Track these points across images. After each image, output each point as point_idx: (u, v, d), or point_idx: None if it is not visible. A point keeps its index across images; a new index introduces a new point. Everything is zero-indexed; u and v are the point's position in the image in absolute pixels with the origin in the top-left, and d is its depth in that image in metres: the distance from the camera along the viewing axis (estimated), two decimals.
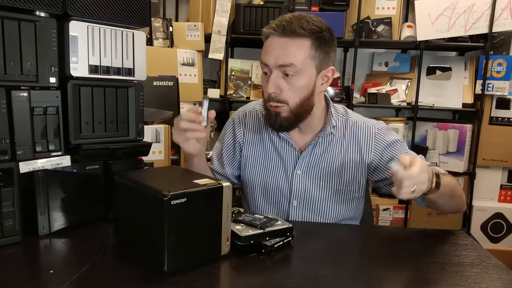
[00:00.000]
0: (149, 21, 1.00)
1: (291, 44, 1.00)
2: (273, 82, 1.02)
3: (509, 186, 2.61)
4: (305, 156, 1.14)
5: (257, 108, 1.22)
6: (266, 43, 1.04)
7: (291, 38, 1.00)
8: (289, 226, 0.86)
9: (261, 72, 1.07)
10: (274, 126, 1.08)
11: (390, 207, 2.52)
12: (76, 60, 0.87)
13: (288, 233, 0.86)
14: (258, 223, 0.84)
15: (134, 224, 0.80)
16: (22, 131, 0.83)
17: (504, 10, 2.28)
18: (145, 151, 1.02)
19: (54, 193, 0.89)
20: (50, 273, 0.72)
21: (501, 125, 2.46)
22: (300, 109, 1.05)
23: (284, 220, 0.89)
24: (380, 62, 2.63)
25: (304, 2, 2.41)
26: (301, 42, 1.00)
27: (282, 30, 1.00)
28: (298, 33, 0.99)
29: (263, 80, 1.07)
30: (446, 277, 0.77)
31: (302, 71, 1.01)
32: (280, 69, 1.01)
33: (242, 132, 1.21)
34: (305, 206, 1.14)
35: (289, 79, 1.02)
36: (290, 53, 0.99)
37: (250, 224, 0.85)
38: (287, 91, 1.02)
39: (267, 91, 1.04)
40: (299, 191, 1.14)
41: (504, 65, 2.36)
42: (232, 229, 0.82)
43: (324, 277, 0.75)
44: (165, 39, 2.26)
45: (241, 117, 1.23)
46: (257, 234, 0.81)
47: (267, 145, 1.18)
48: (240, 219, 0.87)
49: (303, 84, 1.03)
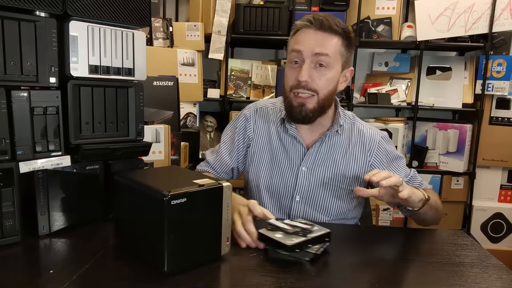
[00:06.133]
0: (149, 21, 1.00)
1: (327, 38, 1.06)
2: (306, 70, 1.06)
3: (509, 186, 2.61)
4: (311, 153, 1.16)
5: (268, 105, 1.26)
6: (301, 34, 1.08)
7: (327, 33, 1.05)
8: (327, 231, 0.84)
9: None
10: (297, 117, 1.10)
11: (390, 208, 2.52)
12: (76, 60, 0.87)
13: (326, 238, 0.84)
14: (298, 230, 0.82)
15: (134, 224, 0.80)
16: (22, 131, 0.83)
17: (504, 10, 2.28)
18: (145, 151, 1.02)
19: (54, 193, 0.89)
20: (50, 273, 0.72)
21: (501, 125, 2.46)
22: (325, 102, 1.10)
23: (320, 226, 0.86)
24: (380, 62, 2.63)
25: (304, 2, 2.41)
26: (335, 38, 1.06)
27: (319, 24, 1.05)
28: (334, 29, 1.05)
29: (289, 70, 1.10)
30: (446, 277, 0.77)
31: (333, 64, 1.07)
32: (315, 58, 1.05)
33: (252, 127, 1.24)
34: (308, 202, 1.17)
35: (321, 69, 1.06)
36: (326, 45, 1.05)
37: (290, 232, 0.82)
38: (318, 81, 1.06)
39: (298, 78, 1.06)
40: (303, 186, 1.16)
41: (504, 65, 2.36)
42: (274, 238, 0.79)
43: (324, 277, 0.75)
44: (165, 39, 2.26)
45: (252, 113, 1.26)
46: (301, 242, 0.79)
47: (274, 141, 1.21)
48: (276, 226, 0.83)
49: (331, 76, 1.08)
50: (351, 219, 1.22)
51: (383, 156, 1.18)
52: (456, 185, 2.52)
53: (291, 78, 1.09)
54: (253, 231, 0.85)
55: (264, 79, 2.54)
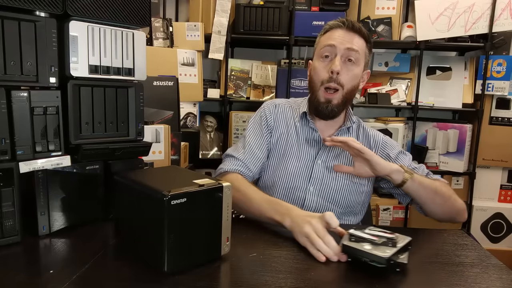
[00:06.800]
0: (149, 21, 1.00)
1: (357, 38, 1.18)
2: (339, 61, 1.15)
3: (509, 186, 2.61)
4: (326, 147, 1.24)
5: (284, 103, 1.34)
6: (334, 32, 1.19)
7: (357, 34, 1.18)
8: (410, 239, 0.82)
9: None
10: (324, 112, 1.20)
11: (390, 207, 2.52)
12: (76, 60, 0.87)
13: (409, 246, 0.82)
14: (385, 240, 0.79)
15: (134, 224, 0.80)
16: (22, 131, 0.83)
17: (504, 10, 2.28)
18: (145, 151, 1.02)
19: (54, 193, 0.89)
20: (50, 273, 0.72)
21: (501, 125, 2.46)
22: (348, 96, 1.20)
23: (397, 233, 0.83)
24: (380, 62, 2.63)
25: (304, 2, 2.41)
26: (362, 39, 1.19)
27: (351, 26, 1.18)
28: (362, 32, 1.19)
29: (320, 64, 1.19)
30: (446, 277, 0.77)
31: (359, 62, 1.18)
32: (346, 52, 1.16)
33: (273, 119, 1.30)
34: (320, 193, 1.22)
35: (349, 65, 1.17)
36: (356, 43, 1.17)
37: (378, 243, 0.78)
38: (345, 75, 1.17)
39: (332, 69, 1.15)
40: (317, 178, 1.23)
41: (504, 65, 2.36)
42: (366, 251, 0.76)
43: (323, 277, 0.75)
44: (165, 39, 2.26)
45: (271, 108, 1.32)
46: (394, 253, 0.76)
47: (292, 134, 1.28)
48: (361, 237, 0.80)
49: (357, 73, 1.19)
50: (357, 214, 1.28)
51: (386, 157, 1.25)
52: (456, 185, 2.52)
53: (323, 70, 1.18)
54: (334, 244, 0.83)
55: (264, 79, 2.54)
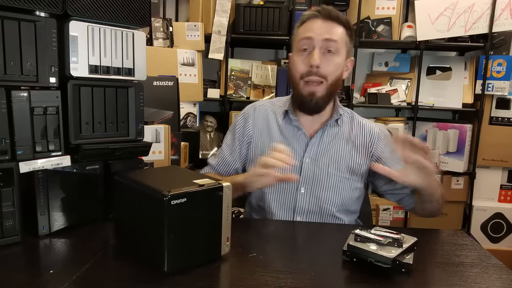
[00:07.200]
0: (149, 21, 1.00)
1: (335, 27, 1.13)
2: (318, 54, 1.11)
3: (509, 186, 2.61)
4: (313, 143, 1.19)
5: (266, 104, 1.29)
6: (310, 23, 1.14)
7: (334, 22, 1.13)
8: (415, 239, 0.82)
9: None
10: (308, 107, 1.15)
11: (390, 207, 2.52)
12: (76, 60, 0.87)
13: (415, 246, 0.82)
14: (391, 240, 0.79)
15: (134, 224, 0.80)
16: (22, 131, 0.83)
17: (504, 10, 2.28)
18: (145, 151, 1.02)
19: (54, 193, 0.89)
20: (50, 273, 0.72)
21: (501, 125, 2.46)
22: (332, 88, 1.15)
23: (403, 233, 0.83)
24: (380, 62, 2.63)
25: (304, 2, 2.41)
26: (341, 28, 1.14)
27: (328, 14, 1.13)
28: (340, 20, 1.14)
29: (299, 58, 1.14)
30: (446, 277, 0.77)
31: (340, 51, 1.13)
32: (324, 43, 1.11)
33: (252, 125, 1.26)
34: (313, 193, 1.18)
35: (329, 55, 1.12)
36: (334, 32, 1.12)
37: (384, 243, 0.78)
38: (326, 66, 1.12)
39: (311, 62, 1.10)
40: (308, 177, 1.18)
41: (504, 65, 2.36)
42: (372, 251, 0.76)
43: (324, 277, 0.75)
44: (165, 39, 2.26)
45: (251, 112, 1.29)
46: (400, 253, 0.76)
47: (276, 136, 1.23)
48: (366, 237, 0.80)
49: (338, 62, 1.14)
50: (353, 213, 1.24)
51: (384, 147, 1.21)
52: (456, 185, 2.52)
53: (301, 64, 1.13)
54: None
55: (264, 79, 2.54)
